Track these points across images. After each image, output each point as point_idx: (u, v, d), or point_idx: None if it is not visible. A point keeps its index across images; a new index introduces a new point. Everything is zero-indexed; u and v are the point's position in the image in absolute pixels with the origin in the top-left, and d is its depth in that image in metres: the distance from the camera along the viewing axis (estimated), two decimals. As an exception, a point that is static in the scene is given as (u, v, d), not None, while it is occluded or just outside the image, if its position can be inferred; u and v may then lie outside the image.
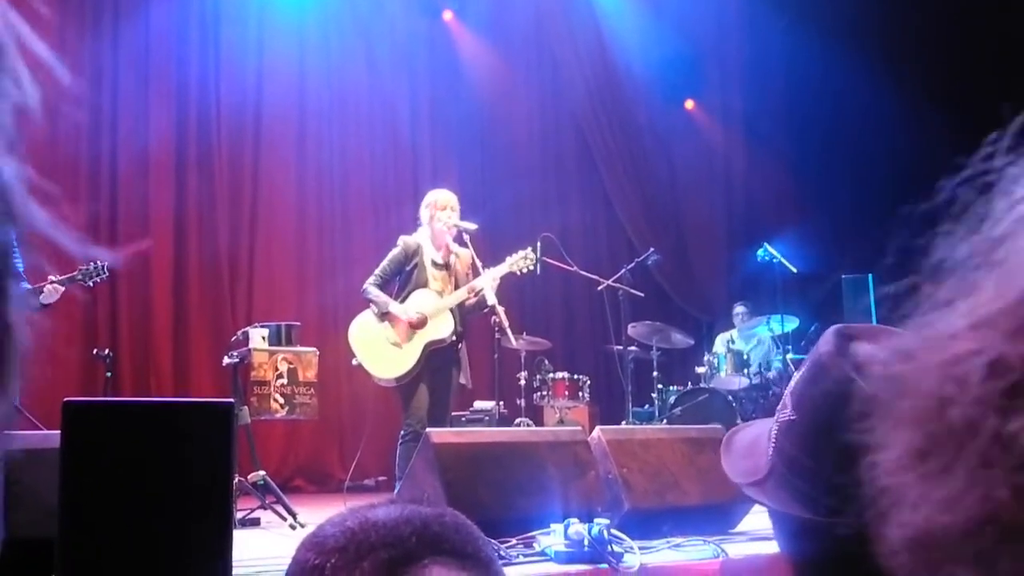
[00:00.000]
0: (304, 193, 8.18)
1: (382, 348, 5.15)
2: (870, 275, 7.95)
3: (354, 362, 5.18)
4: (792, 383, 0.96)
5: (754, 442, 1.00)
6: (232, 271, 7.73)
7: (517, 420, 7.24)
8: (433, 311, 5.17)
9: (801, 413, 0.93)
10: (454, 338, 5.23)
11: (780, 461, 0.94)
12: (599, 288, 7.04)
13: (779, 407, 0.97)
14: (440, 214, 5.26)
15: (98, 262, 5.05)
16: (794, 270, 7.96)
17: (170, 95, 7.60)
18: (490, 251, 6.33)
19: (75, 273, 5.05)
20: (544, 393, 7.43)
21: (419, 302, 5.19)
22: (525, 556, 3.35)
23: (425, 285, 5.23)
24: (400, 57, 8.71)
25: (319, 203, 8.26)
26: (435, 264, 5.29)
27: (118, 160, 7.33)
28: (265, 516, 5.05)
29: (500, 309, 5.15)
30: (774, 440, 0.95)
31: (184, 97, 7.67)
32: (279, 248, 7.99)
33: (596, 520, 3.31)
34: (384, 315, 5.18)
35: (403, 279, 5.28)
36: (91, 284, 5.19)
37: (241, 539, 3.28)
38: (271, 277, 7.91)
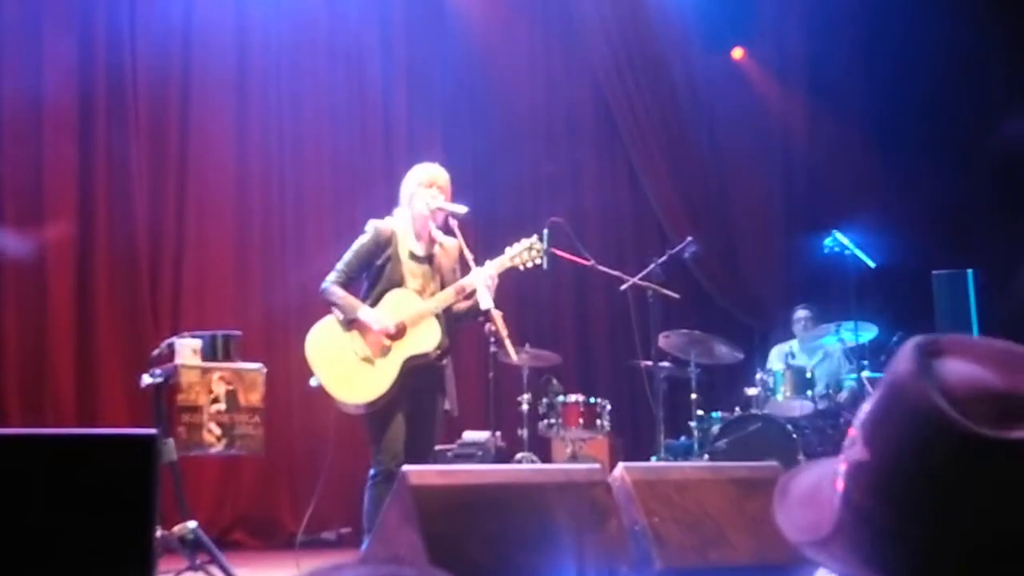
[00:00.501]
0: (246, 164, 8.09)
1: (349, 365, 5.15)
2: (970, 270, 7.94)
3: (312, 382, 5.19)
4: (863, 412, 0.96)
5: (816, 488, 1.00)
6: (153, 263, 7.68)
7: (518, 455, 7.25)
8: (414, 317, 5.18)
9: (875, 452, 0.93)
10: (439, 352, 5.23)
11: (849, 513, 0.94)
12: (622, 288, 7.03)
13: (846, 443, 0.97)
14: (422, 192, 5.27)
15: None
16: (871, 264, 7.95)
17: (70, 25, 7.41)
18: (484, 241, 6.34)
19: None
20: (552, 421, 7.43)
21: (395, 306, 5.19)
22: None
23: (401, 283, 5.23)
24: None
25: (266, 177, 8.19)
26: (414, 257, 5.29)
27: (1, 112, 7.23)
28: (196, 579, 5.05)
29: (497, 315, 5.15)
30: (841, 486, 0.95)
31: (88, 29, 7.47)
32: (214, 233, 7.92)
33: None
34: (351, 322, 5.18)
35: (373, 275, 5.28)
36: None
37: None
38: (203, 271, 7.87)
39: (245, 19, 8.15)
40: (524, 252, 5.39)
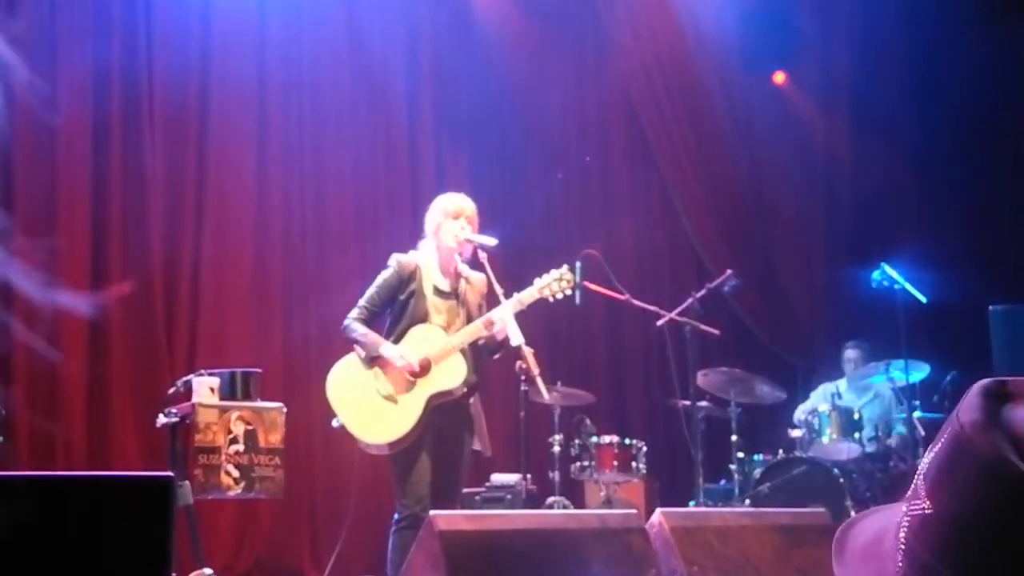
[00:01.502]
0: (266, 188, 8.02)
1: (371, 404, 5.16)
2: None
3: (335, 423, 5.20)
4: (925, 463, 0.95)
5: (877, 540, 0.98)
6: (168, 297, 7.68)
7: (550, 500, 7.22)
8: (439, 353, 5.18)
9: (939, 505, 0.92)
10: (466, 389, 5.23)
11: (913, 570, 0.93)
12: (659, 323, 7.01)
13: (908, 495, 0.96)
14: (449, 224, 5.28)
15: None
16: (923, 299, 7.90)
17: (83, 38, 7.28)
18: (513, 275, 6.31)
19: None
20: (586, 463, 7.40)
21: (420, 341, 5.20)
22: None
23: (425, 319, 5.25)
24: (394, 14, 8.75)
25: (287, 205, 8.17)
26: (439, 292, 5.31)
27: (12, 129, 7.16)
28: (212, 629, 5.04)
29: (528, 351, 5.15)
30: (903, 541, 0.94)
31: (103, 42, 7.36)
32: (233, 262, 7.89)
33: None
34: (373, 359, 5.19)
35: (396, 311, 5.30)
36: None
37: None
38: (221, 303, 7.87)
39: (265, 34, 8.14)
40: (554, 283, 5.39)
